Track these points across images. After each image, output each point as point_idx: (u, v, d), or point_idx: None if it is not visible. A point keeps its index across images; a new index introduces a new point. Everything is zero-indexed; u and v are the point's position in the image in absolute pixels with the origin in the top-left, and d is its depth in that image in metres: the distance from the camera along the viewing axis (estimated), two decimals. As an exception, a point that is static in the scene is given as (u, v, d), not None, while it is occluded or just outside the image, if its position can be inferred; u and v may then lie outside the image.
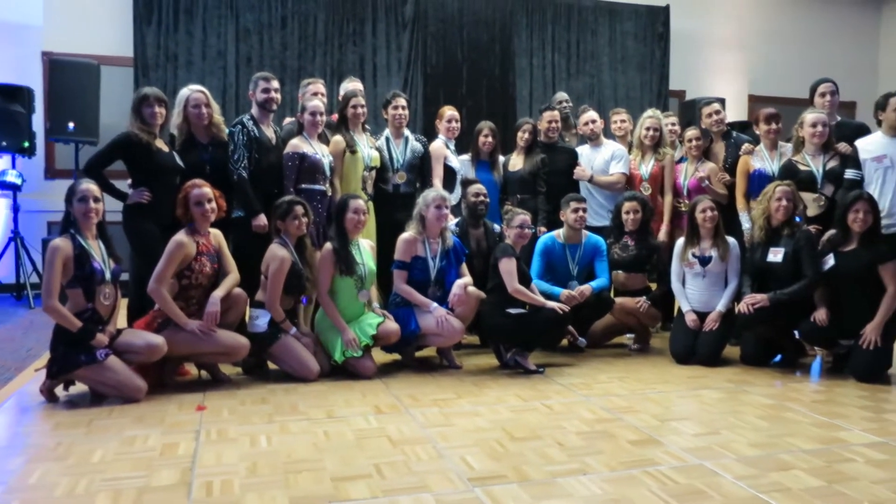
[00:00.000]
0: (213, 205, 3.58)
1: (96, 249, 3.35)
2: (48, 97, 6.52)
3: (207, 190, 3.58)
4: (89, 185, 3.35)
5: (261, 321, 3.70)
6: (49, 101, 6.45)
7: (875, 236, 3.86)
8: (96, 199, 3.34)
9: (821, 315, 3.93)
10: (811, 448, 2.79)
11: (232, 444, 2.78)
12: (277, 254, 3.71)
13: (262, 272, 3.72)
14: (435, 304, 3.96)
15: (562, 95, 5.83)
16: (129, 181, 3.98)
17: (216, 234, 3.70)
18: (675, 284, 4.42)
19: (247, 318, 3.83)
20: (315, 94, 4.59)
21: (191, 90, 4.10)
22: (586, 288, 4.30)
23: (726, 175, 4.84)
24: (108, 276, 3.36)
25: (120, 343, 3.36)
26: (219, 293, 3.56)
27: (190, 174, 3.86)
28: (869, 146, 4.10)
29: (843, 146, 4.29)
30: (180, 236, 3.51)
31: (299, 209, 3.80)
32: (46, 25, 7.00)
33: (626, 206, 4.55)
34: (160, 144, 3.94)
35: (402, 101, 4.75)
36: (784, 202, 4.03)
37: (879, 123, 4.13)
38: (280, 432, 2.93)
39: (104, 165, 3.86)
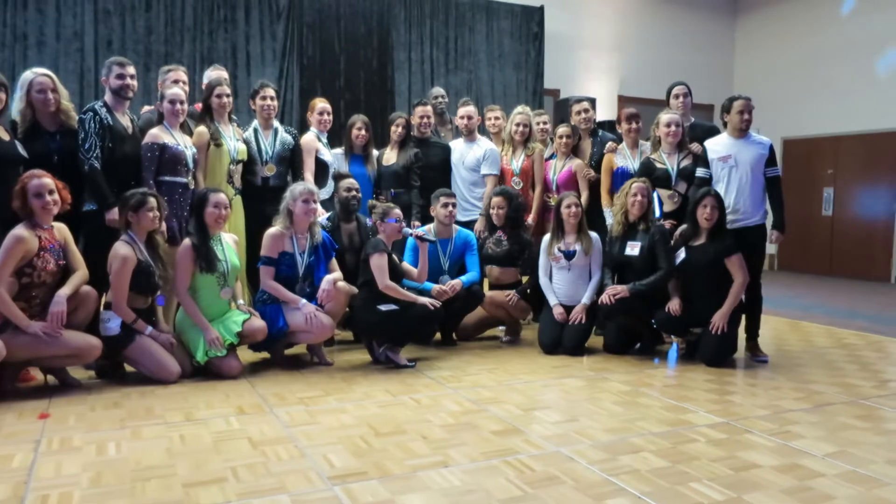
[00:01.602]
0: (56, 196, 3.32)
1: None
2: None
3: (48, 180, 3.30)
4: None
5: (112, 324, 3.47)
6: None
7: (721, 231, 4.14)
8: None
9: (674, 305, 4.17)
10: (660, 431, 2.96)
11: (76, 453, 2.60)
12: (119, 252, 3.48)
13: (108, 271, 3.50)
14: (303, 301, 3.87)
15: (437, 91, 5.86)
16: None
17: (61, 229, 3.44)
18: (543, 279, 4.55)
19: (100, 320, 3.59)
20: (175, 81, 4.36)
21: (34, 73, 3.78)
22: (457, 282, 4.35)
23: (591, 171, 5.03)
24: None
25: (-50, 348, 3.06)
26: (65, 291, 3.31)
27: (35, 164, 3.56)
28: (716, 147, 4.38)
29: (694, 146, 4.56)
30: (19, 230, 3.22)
31: (153, 201, 3.58)
32: None
33: (494, 200, 4.64)
34: (-1, 132, 3.61)
35: (270, 92, 4.60)
36: (639, 198, 4.25)
37: (725, 125, 4.41)
38: (131, 438, 2.77)
39: None
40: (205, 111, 4.37)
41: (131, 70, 3.98)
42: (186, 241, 3.71)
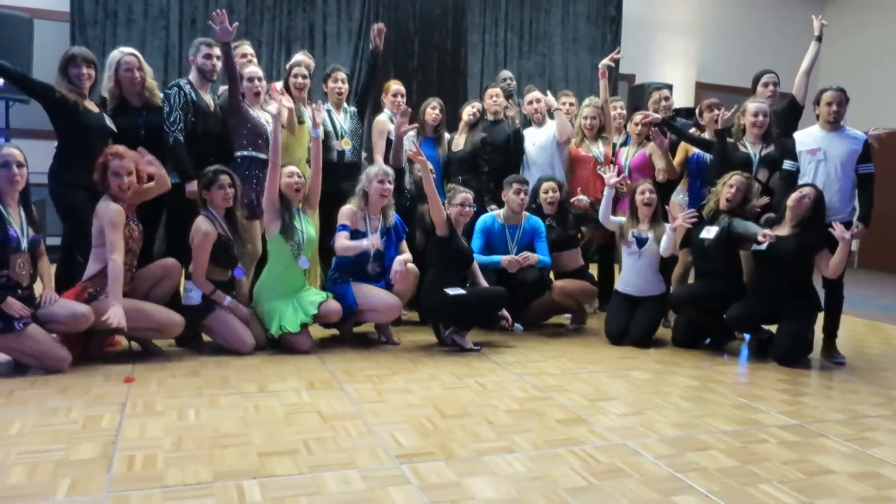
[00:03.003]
0: (133, 178, 3.47)
1: (16, 217, 3.23)
2: (-24, 51, 6.19)
3: (129, 163, 3.44)
4: (12, 150, 3.21)
5: (194, 294, 3.62)
6: (-23, 55, 6.12)
7: (811, 226, 3.95)
8: (20, 165, 3.21)
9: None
10: (729, 429, 2.90)
11: (158, 417, 2.74)
12: (201, 227, 3.60)
13: (190, 244, 3.64)
14: (367, 242, 3.91)
15: (505, 73, 5.80)
16: (56, 143, 3.82)
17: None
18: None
19: (181, 290, 3.75)
20: (243, 55, 4.52)
21: (122, 53, 3.96)
22: (533, 256, 4.33)
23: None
24: (24, 245, 3.23)
25: (43, 312, 3.24)
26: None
27: (123, 138, 3.74)
28: (805, 139, 4.20)
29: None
30: (113, 204, 3.39)
31: (225, 178, 3.69)
32: (-25, -26, 6.63)
33: (546, 185, 4.61)
34: (90, 105, 3.79)
35: (341, 75, 4.70)
36: (734, 190, 4.12)
37: (817, 117, 4.23)
38: (209, 406, 2.89)
39: (25, 81, 3.73)
40: (286, 91, 4.48)
41: (217, 52, 4.12)
42: None
